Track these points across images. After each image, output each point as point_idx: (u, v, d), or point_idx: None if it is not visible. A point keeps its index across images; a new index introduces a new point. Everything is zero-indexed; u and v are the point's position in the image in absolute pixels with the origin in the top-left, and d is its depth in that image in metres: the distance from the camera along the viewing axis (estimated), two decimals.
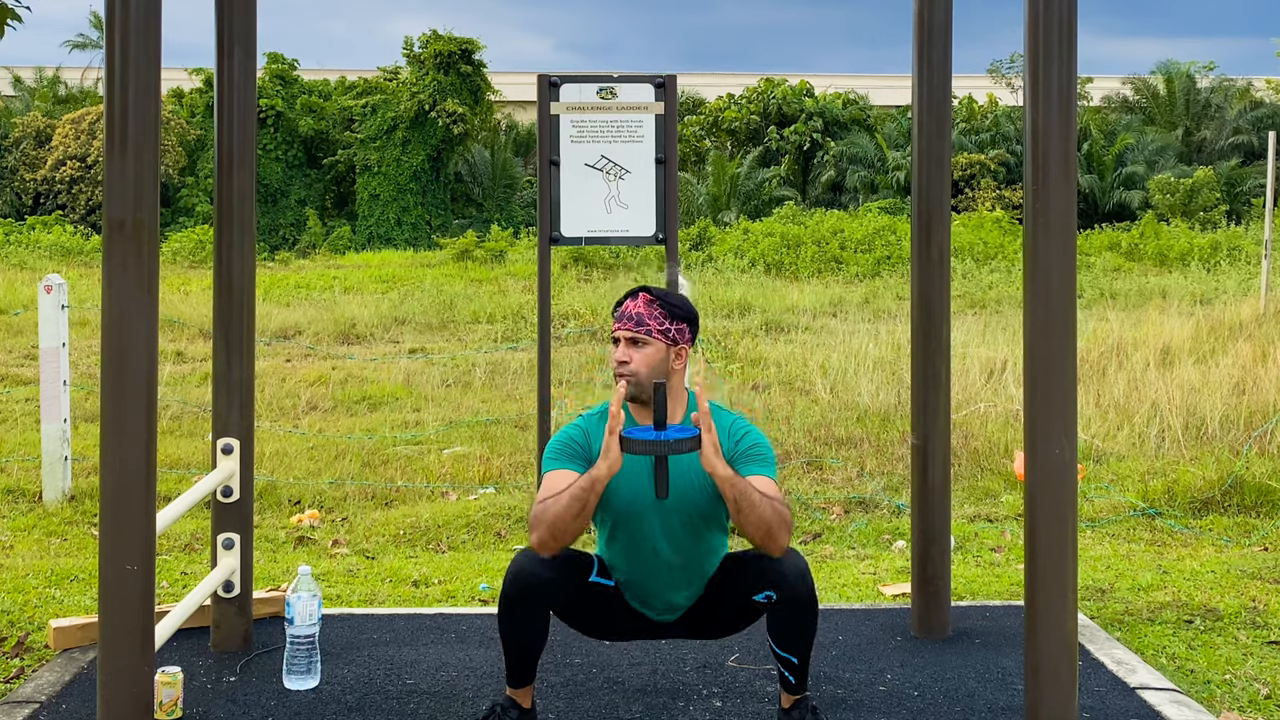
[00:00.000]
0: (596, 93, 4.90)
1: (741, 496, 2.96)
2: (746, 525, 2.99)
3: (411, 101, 29.88)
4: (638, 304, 3.20)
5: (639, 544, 3.23)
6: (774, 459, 3.22)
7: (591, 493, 2.98)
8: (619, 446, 2.95)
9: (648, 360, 3.15)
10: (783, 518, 3.01)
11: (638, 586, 3.30)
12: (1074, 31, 3.10)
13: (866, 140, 31.44)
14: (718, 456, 2.96)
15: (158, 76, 3.10)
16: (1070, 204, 3.10)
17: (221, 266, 3.93)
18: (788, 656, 3.21)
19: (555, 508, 2.99)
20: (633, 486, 3.16)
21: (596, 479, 2.97)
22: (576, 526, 3.01)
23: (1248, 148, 31.62)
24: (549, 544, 3.03)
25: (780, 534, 3.00)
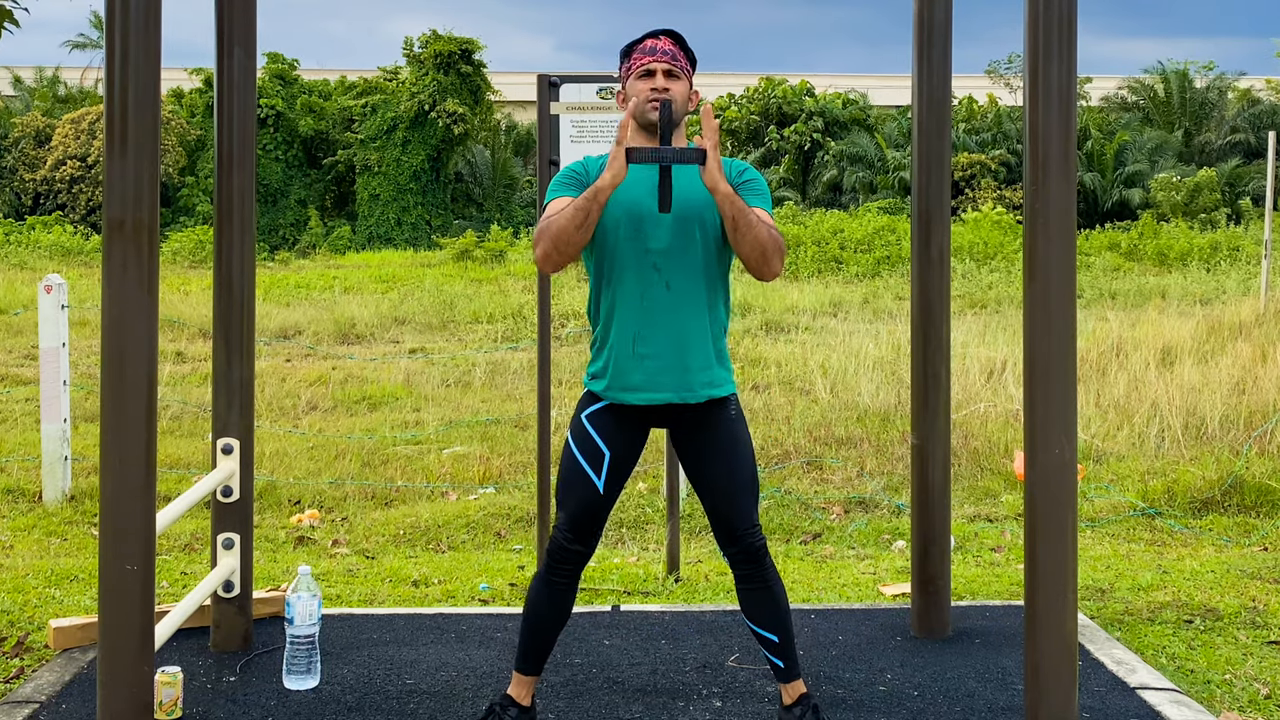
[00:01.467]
0: (596, 93, 4.90)
1: (740, 214, 3.03)
2: (742, 244, 3.05)
3: (411, 102, 29.89)
4: (666, 43, 3.25)
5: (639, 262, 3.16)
6: (770, 197, 3.27)
7: (595, 202, 3.01)
8: (624, 156, 2.99)
9: (682, 91, 3.22)
10: (777, 241, 3.08)
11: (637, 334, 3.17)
12: (1074, 31, 3.10)
13: (867, 140, 31.45)
14: (720, 173, 3.00)
15: (158, 76, 3.10)
16: (1070, 204, 3.10)
17: (221, 266, 3.94)
18: (766, 634, 3.26)
19: (559, 220, 3.03)
20: (635, 200, 3.16)
21: (600, 189, 3.01)
22: (579, 237, 3.04)
23: (1246, 147, 31.62)
24: (552, 256, 3.07)
25: (774, 257, 3.08)
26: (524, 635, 3.30)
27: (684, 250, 3.17)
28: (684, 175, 3.18)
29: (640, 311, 3.17)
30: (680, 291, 3.17)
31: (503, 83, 33.01)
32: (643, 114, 3.19)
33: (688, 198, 3.16)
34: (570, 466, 3.25)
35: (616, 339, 3.20)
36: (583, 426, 3.26)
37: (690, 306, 3.18)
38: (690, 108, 3.27)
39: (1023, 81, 3.22)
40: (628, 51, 3.29)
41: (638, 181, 3.17)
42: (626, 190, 3.16)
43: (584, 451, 3.23)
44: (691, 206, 3.16)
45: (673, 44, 3.26)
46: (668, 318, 3.16)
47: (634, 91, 3.22)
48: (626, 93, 3.25)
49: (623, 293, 3.19)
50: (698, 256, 3.18)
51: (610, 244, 3.19)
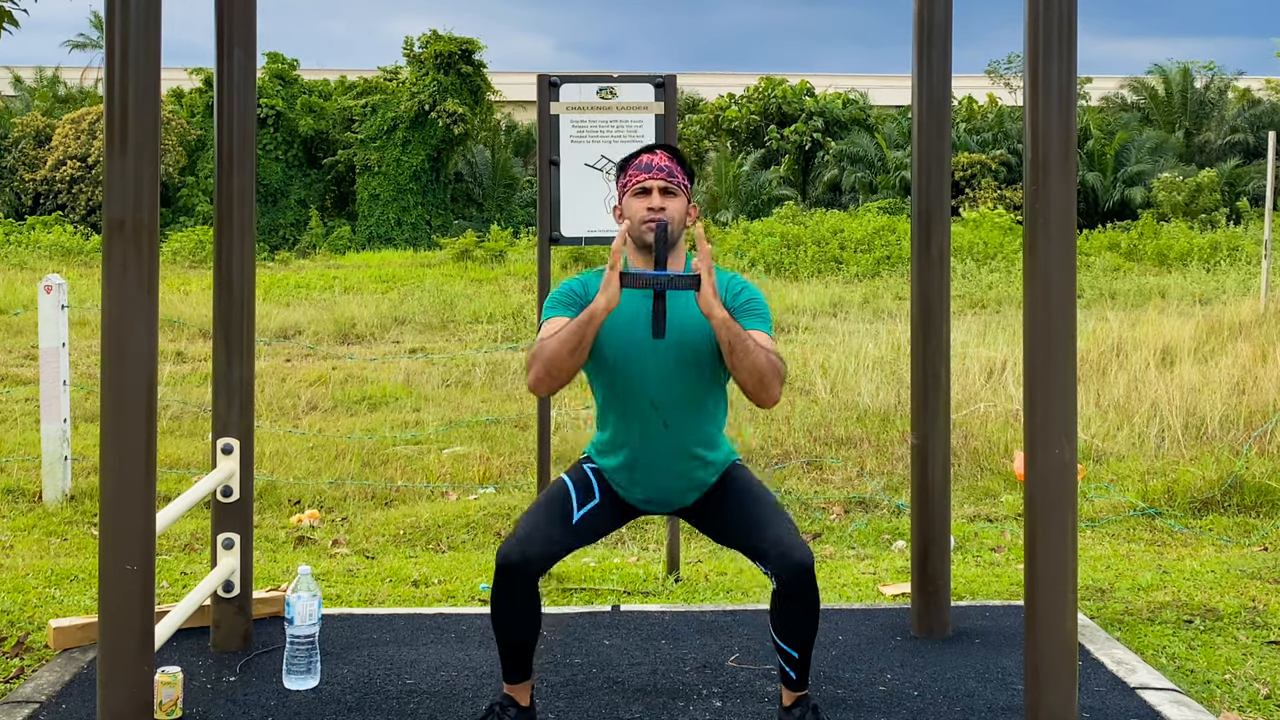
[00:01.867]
0: (596, 93, 4.90)
1: (736, 340, 2.99)
2: (740, 370, 3.02)
3: (411, 102, 29.89)
4: (663, 158, 3.21)
5: (635, 392, 3.17)
6: (770, 316, 3.24)
7: (589, 326, 2.99)
8: (619, 281, 2.96)
9: (679, 209, 3.18)
10: (776, 367, 3.04)
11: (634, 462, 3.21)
12: (1074, 31, 3.10)
13: (867, 140, 31.44)
14: (715, 299, 2.97)
15: (158, 76, 3.10)
16: (1070, 204, 3.10)
17: (221, 266, 3.93)
18: (789, 650, 3.20)
19: (552, 344, 3.01)
20: (630, 333, 3.14)
21: (594, 313, 2.98)
22: (572, 362, 3.02)
23: (1245, 147, 31.62)
24: (544, 380, 3.05)
25: (773, 383, 3.04)
26: (502, 651, 3.24)
27: (681, 384, 3.17)
28: (680, 298, 3.15)
29: (638, 446, 3.22)
30: (678, 427, 3.20)
31: (503, 83, 33.01)
32: (639, 235, 3.17)
33: (684, 324, 3.13)
34: (555, 492, 3.25)
35: (615, 459, 3.26)
36: (584, 472, 3.29)
37: (687, 435, 3.22)
38: (689, 223, 3.24)
39: (1023, 81, 3.21)
40: (624, 166, 3.26)
41: (633, 311, 3.13)
42: (622, 321, 3.13)
43: (577, 486, 3.25)
44: (688, 335, 3.14)
45: (669, 159, 3.22)
46: (665, 453, 3.22)
47: (630, 209, 3.19)
48: (623, 209, 3.23)
49: (621, 425, 3.23)
50: (695, 389, 3.20)
51: (607, 377, 3.21)
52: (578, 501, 3.21)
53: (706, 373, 3.19)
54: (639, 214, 3.16)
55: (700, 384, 3.20)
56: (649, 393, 3.17)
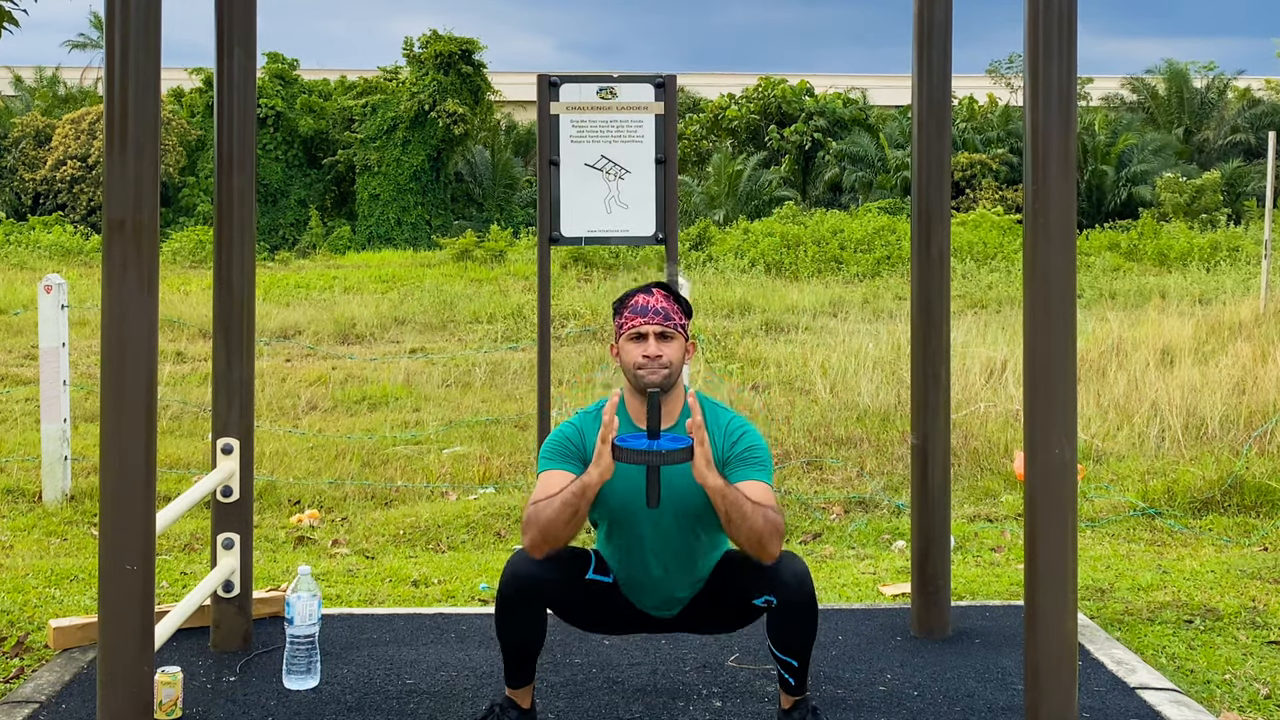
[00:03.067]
0: (596, 93, 4.90)
1: (733, 508, 2.96)
2: (738, 536, 3.00)
3: (411, 101, 29.88)
4: (659, 300, 3.19)
5: (633, 546, 3.23)
6: (770, 462, 3.21)
7: (583, 499, 2.98)
8: (611, 454, 2.95)
9: (676, 353, 3.17)
10: (775, 526, 3.00)
11: (634, 584, 3.30)
12: (1074, 31, 3.10)
13: (867, 140, 31.43)
14: (709, 469, 2.95)
15: (158, 76, 3.10)
16: (1070, 204, 3.10)
17: (221, 266, 3.93)
18: (788, 659, 3.21)
19: (547, 512, 3.00)
20: (627, 490, 3.15)
21: (588, 485, 2.97)
22: (568, 531, 3.02)
23: (1246, 147, 31.62)
24: (541, 546, 3.04)
25: (771, 543, 3.00)
26: (505, 657, 3.26)
27: (679, 541, 3.22)
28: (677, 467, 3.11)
29: (639, 575, 3.28)
30: (675, 574, 3.27)
31: (503, 83, 33.00)
32: (635, 379, 3.16)
33: (682, 487, 3.12)
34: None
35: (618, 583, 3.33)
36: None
37: (684, 581, 3.29)
38: (687, 360, 3.26)
39: (1023, 81, 3.21)
40: (619, 307, 3.25)
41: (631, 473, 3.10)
42: (620, 481, 3.11)
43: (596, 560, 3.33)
44: (686, 497, 3.14)
45: (665, 299, 3.20)
46: (662, 591, 3.29)
47: (626, 354, 3.18)
48: (619, 349, 3.22)
49: (622, 565, 3.29)
50: (693, 545, 3.24)
51: (606, 526, 3.27)
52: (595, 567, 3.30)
53: (704, 530, 3.23)
54: (634, 360, 3.16)
55: (698, 541, 3.25)
56: (647, 548, 3.22)
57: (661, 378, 3.13)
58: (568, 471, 3.11)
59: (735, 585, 3.22)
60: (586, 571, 3.27)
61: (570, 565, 3.23)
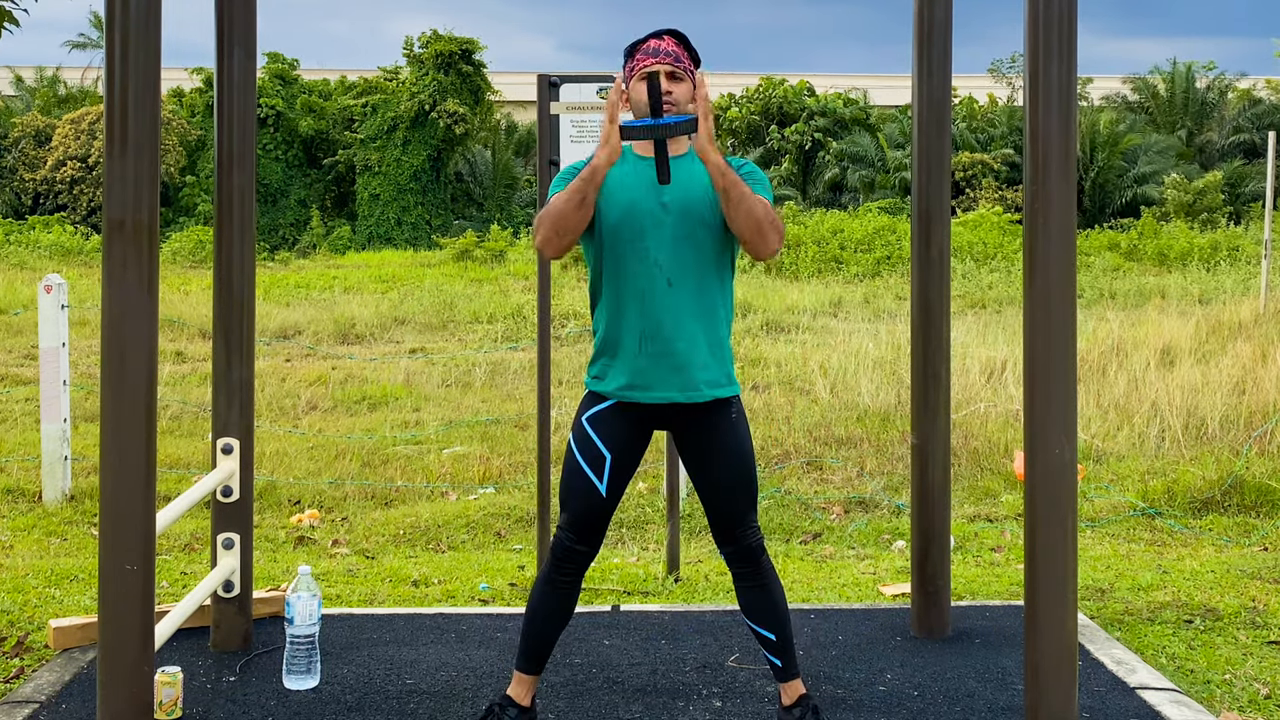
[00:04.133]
0: (596, 93, 4.90)
1: (733, 186, 3.02)
2: (738, 218, 3.05)
3: (412, 102, 29.89)
4: (669, 43, 3.22)
5: (637, 255, 3.15)
6: (771, 189, 3.25)
7: (591, 183, 3.03)
8: (618, 134, 2.99)
9: (685, 94, 3.18)
10: (773, 218, 3.08)
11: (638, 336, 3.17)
12: (1074, 31, 3.10)
13: (868, 140, 31.44)
14: (712, 145, 3.00)
15: (158, 76, 3.10)
16: (1070, 204, 3.10)
17: (221, 266, 3.94)
18: (763, 632, 3.27)
19: (557, 202, 3.07)
20: (632, 196, 3.16)
21: (596, 167, 3.02)
22: (578, 217, 3.06)
23: (1246, 147, 31.61)
24: (553, 240, 3.10)
25: (770, 234, 3.08)
26: (526, 634, 3.30)
27: (685, 247, 3.16)
28: (685, 169, 3.17)
29: (642, 310, 3.16)
30: (682, 289, 3.16)
31: (504, 83, 33.01)
32: (643, 111, 3.17)
33: (689, 194, 3.15)
34: (572, 469, 3.24)
35: (619, 338, 3.20)
36: (584, 430, 3.25)
37: (693, 304, 3.17)
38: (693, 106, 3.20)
39: (1023, 81, 3.21)
40: (630, 52, 3.27)
41: (637, 178, 3.16)
42: (626, 187, 3.16)
43: (585, 455, 3.22)
44: (692, 203, 3.15)
45: (675, 44, 3.23)
46: (670, 316, 3.15)
47: (635, 93, 3.20)
48: (629, 93, 3.23)
49: (625, 291, 3.18)
50: (699, 255, 3.18)
51: (610, 243, 3.18)
52: (595, 474, 3.22)
53: (710, 238, 3.18)
54: (644, 97, 3.17)
55: (703, 248, 3.18)
56: (652, 251, 3.15)
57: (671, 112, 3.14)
58: None
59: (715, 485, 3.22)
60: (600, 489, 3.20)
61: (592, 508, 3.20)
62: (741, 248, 3.21)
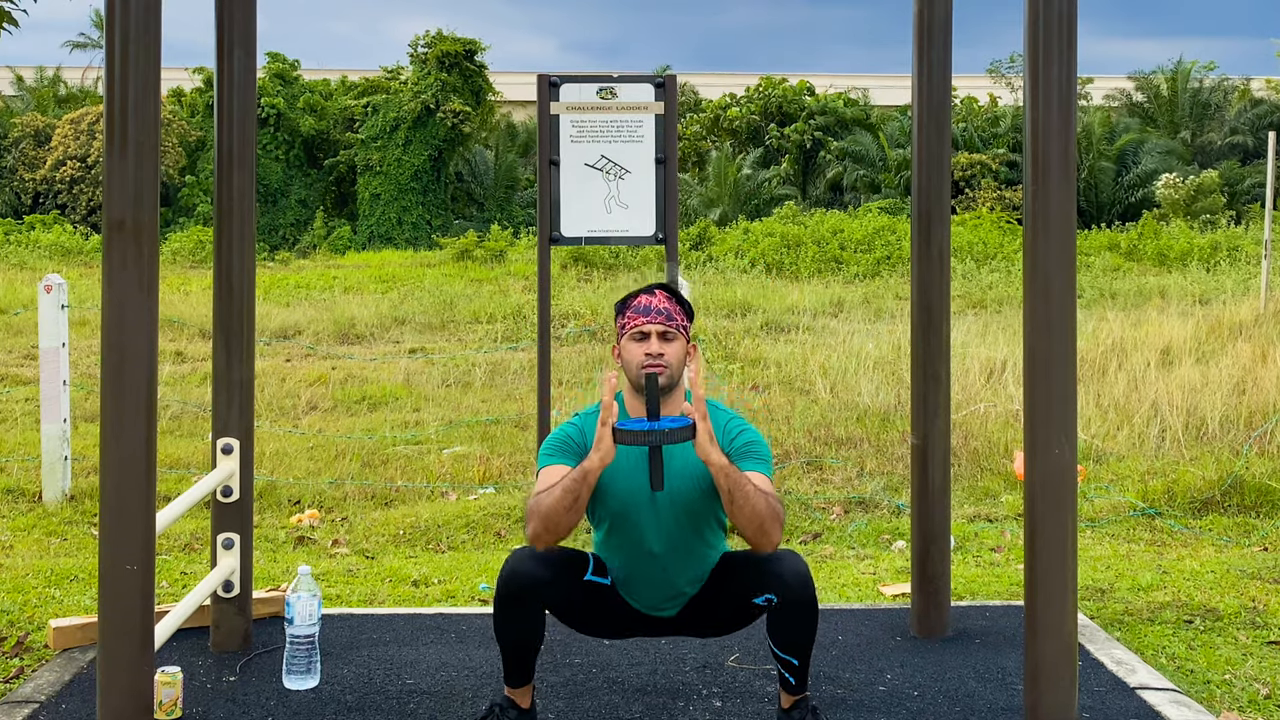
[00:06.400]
0: (596, 93, 4.90)
1: (735, 487, 2.96)
2: (739, 517, 3.00)
3: (415, 101, 29.89)
4: (661, 300, 3.20)
5: (634, 542, 3.22)
6: (770, 457, 3.21)
7: (584, 484, 2.98)
8: (611, 438, 2.95)
9: (677, 354, 3.17)
10: (776, 512, 3.01)
11: (633, 584, 3.29)
12: (1074, 31, 3.10)
13: (868, 139, 31.43)
14: (712, 445, 2.95)
15: (158, 76, 3.10)
16: (1070, 204, 3.10)
17: (221, 266, 3.94)
18: (788, 658, 3.21)
19: (548, 500, 2.99)
20: (628, 484, 3.15)
21: (589, 470, 2.97)
22: (569, 519, 3.01)
23: (1245, 147, 31.60)
24: (543, 536, 3.03)
25: (773, 529, 3.01)
26: (504, 657, 3.25)
27: (680, 533, 3.21)
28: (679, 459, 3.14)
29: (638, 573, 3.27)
30: (675, 570, 3.25)
31: (505, 83, 33.01)
32: (636, 379, 3.17)
33: (683, 473, 3.14)
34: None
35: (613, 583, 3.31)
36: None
37: (684, 578, 3.28)
38: (688, 363, 3.24)
39: (1023, 81, 3.21)
40: (621, 308, 3.25)
41: (631, 460, 3.12)
42: (621, 471, 3.13)
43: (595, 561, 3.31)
44: (687, 484, 3.15)
45: (668, 300, 3.21)
46: (661, 589, 3.28)
47: (628, 354, 3.18)
48: (621, 350, 3.22)
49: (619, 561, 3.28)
50: (694, 536, 3.23)
51: (606, 522, 3.25)
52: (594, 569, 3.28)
53: (706, 519, 3.22)
54: (637, 359, 3.15)
55: (699, 531, 3.24)
56: (648, 543, 3.21)
57: (664, 375, 3.13)
58: (568, 466, 3.10)
59: (736, 584, 3.22)
60: (585, 573, 3.26)
61: (569, 566, 3.22)
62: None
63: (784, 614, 3.13)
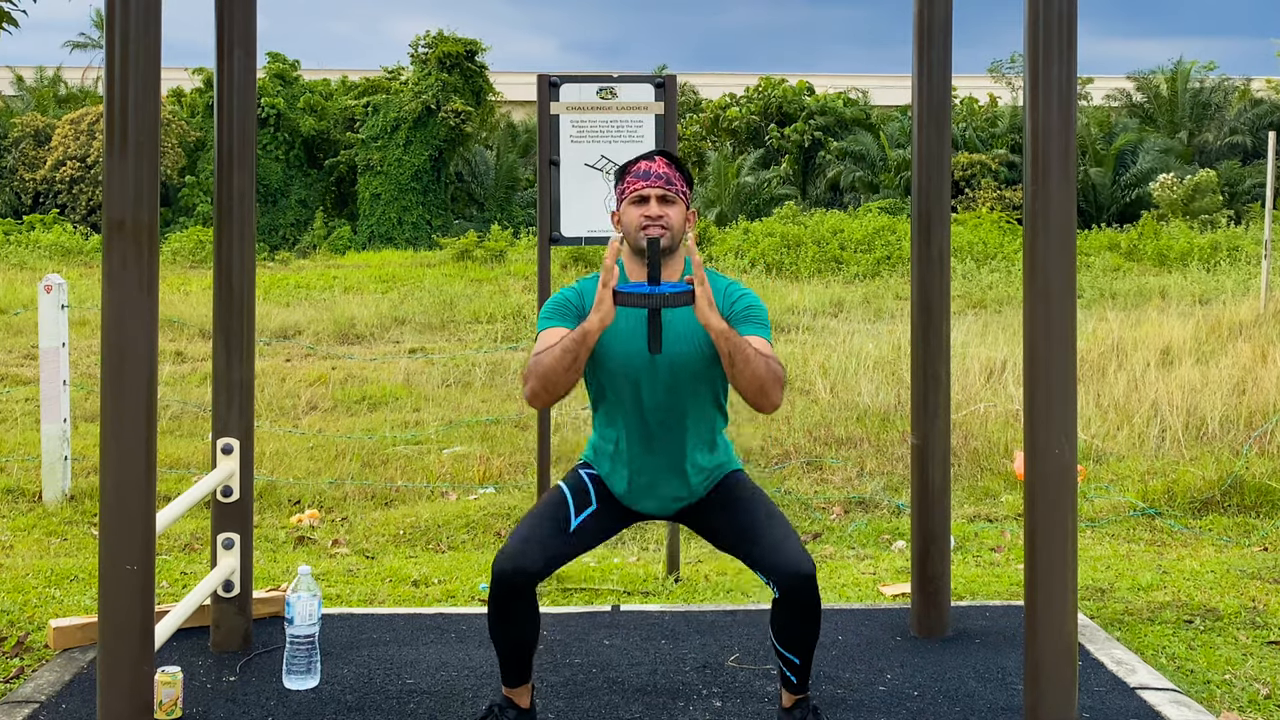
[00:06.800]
0: (596, 93, 4.90)
1: (736, 350, 2.98)
2: (740, 380, 3.01)
3: (416, 102, 29.90)
4: (661, 165, 3.20)
5: (630, 408, 3.18)
6: (768, 322, 3.23)
7: (583, 345, 2.99)
8: (611, 299, 2.96)
9: (677, 217, 3.17)
10: (776, 374, 3.04)
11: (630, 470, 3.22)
12: (1074, 31, 3.10)
13: (868, 139, 31.43)
14: (712, 310, 2.96)
15: (158, 76, 3.10)
16: (1070, 204, 3.10)
17: (221, 266, 3.94)
18: (789, 656, 3.20)
19: (547, 359, 3.01)
20: (626, 347, 3.14)
21: (588, 331, 2.97)
22: (568, 379, 3.02)
23: (1245, 147, 31.60)
24: (541, 395, 3.05)
25: (773, 390, 3.04)
26: (500, 657, 3.23)
27: (679, 397, 3.19)
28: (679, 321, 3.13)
29: (635, 454, 3.22)
30: (675, 438, 3.21)
31: (506, 83, 33.02)
32: (636, 242, 3.16)
33: (682, 336, 3.13)
34: (552, 497, 3.25)
35: (614, 454, 3.26)
36: (581, 478, 3.28)
37: (686, 439, 3.23)
38: (688, 229, 3.23)
39: (1023, 81, 3.21)
40: (622, 173, 3.25)
41: (630, 323, 3.12)
42: (619, 334, 3.13)
43: (574, 493, 3.25)
44: (686, 346, 3.14)
45: (668, 165, 3.20)
46: (662, 463, 3.23)
47: (628, 218, 3.18)
48: (621, 216, 3.22)
49: (618, 425, 3.24)
50: (693, 400, 3.21)
51: (605, 387, 3.22)
52: (575, 508, 3.21)
53: (705, 384, 3.20)
54: (636, 222, 3.15)
55: (698, 395, 3.21)
56: (645, 405, 3.18)
57: (664, 238, 3.13)
58: (567, 329, 3.10)
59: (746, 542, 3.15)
60: (570, 524, 3.19)
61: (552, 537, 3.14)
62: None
63: (784, 610, 3.12)
